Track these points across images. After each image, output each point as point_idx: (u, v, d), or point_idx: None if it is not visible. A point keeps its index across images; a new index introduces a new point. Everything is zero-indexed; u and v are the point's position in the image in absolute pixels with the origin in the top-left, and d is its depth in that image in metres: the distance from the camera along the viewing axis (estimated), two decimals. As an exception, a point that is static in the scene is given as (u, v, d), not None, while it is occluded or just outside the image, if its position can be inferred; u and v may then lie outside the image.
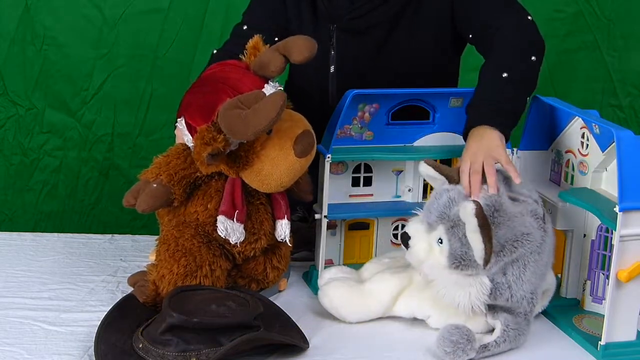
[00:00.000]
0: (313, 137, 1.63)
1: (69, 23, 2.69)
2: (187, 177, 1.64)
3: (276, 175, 1.61)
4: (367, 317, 1.67)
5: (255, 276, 1.75)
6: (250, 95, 1.55)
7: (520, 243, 1.54)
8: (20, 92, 2.73)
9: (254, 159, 1.60)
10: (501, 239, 1.52)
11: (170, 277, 1.63)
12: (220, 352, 1.45)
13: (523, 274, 1.55)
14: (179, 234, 1.65)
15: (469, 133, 1.69)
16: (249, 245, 1.69)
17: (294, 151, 1.59)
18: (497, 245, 1.52)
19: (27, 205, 2.80)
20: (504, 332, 1.55)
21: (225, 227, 1.62)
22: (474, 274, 1.54)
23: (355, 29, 1.91)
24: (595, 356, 1.57)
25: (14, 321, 1.65)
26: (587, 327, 1.66)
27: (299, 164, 1.61)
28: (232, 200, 1.63)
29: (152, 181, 1.63)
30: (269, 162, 1.60)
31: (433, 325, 1.63)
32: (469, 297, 1.54)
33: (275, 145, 1.60)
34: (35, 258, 1.95)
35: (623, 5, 2.77)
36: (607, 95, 2.83)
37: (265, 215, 1.70)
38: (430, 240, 1.58)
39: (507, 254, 1.53)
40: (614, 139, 1.54)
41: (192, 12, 2.72)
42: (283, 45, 1.61)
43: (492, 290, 1.54)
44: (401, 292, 1.66)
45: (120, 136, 2.77)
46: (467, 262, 1.53)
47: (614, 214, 1.51)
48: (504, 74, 1.71)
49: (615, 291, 1.53)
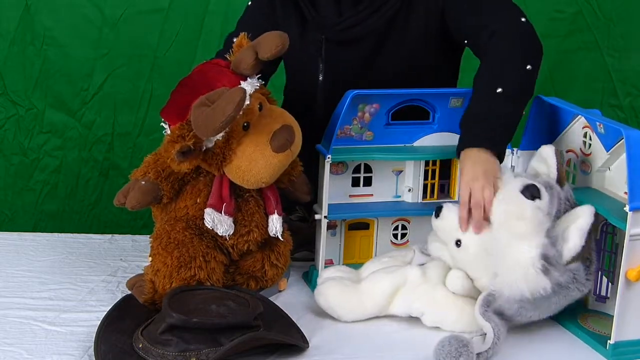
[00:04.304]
0: (292, 133, 1.63)
1: (69, 23, 2.69)
2: (174, 173, 1.66)
3: (254, 172, 1.61)
4: (363, 316, 1.67)
5: (254, 273, 1.75)
6: (216, 92, 1.56)
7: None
8: (20, 92, 2.73)
9: (231, 156, 1.61)
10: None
11: (165, 270, 1.63)
12: (220, 352, 1.45)
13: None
14: (170, 228, 1.67)
15: (463, 153, 1.67)
16: (241, 238, 1.69)
17: (270, 147, 1.60)
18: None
19: (27, 205, 2.80)
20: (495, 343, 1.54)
21: (213, 218, 1.63)
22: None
23: (344, 39, 1.89)
24: (605, 355, 1.57)
25: (14, 321, 1.65)
26: (593, 326, 1.66)
27: (277, 160, 1.61)
28: (220, 194, 1.64)
29: (141, 179, 1.66)
30: (245, 158, 1.61)
31: (427, 323, 1.63)
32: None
33: (252, 141, 1.61)
34: (35, 258, 1.95)
35: (623, 5, 2.77)
36: (607, 95, 2.82)
37: (256, 207, 1.70)
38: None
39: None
40: (619, 138, 1.54)
41: (192, 12, 2.71)
42: (256, 42, 1.63)
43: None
44: (396, 290, 1.66)
45: (120, 136, 2.77)
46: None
47: (622, 214, 1.51)
48: (498, 89, 1.67)
49: (624, 290, 1.53)
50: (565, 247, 1.53)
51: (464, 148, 1.67)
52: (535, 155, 1.69)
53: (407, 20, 1.87)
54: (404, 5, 1.86)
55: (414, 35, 1.88)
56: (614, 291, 1.67)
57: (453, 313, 1.62)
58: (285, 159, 1.63)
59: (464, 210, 1.61)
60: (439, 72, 1.95)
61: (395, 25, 1.87)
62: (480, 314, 1.56)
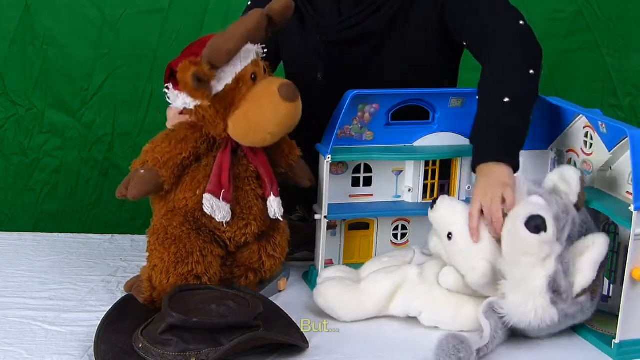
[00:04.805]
0: (297, 89, 1.63)
1: (69, 23, 2.69)
2: (173, 158, 1.65)
3: (262, 118, 1.61)
4: (363, 316, 1.67)
5: (251, 265, 1.75)
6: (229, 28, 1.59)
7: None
8: (20, 92, 2.73)
9: (240, 100, 1.62)
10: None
11: (162, 266, 1.64)
12: (220, 352, 1.45)
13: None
14: (167, 223, 1.66)
15: (478, 169, 1.66)
16: (239, 231, 1.69)
17: (279, 93, 1.60)
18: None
19: (27, 205, 2.80)
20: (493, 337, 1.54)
21: (211, 204, 1.63)
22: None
23: (344, 40, 1.89)
24: (609, 354, 1.57)
25: (14, 321, 1.65)
26: (596, 325, 1.66)
27: (285, 109, 1.61)
28: (219, 180, 1.64)
29: (140, 168, 1.65)
30: (254, 103, 1.61)
31: (425, 322, 1.64)
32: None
33: (261, 88, 1.62)
34: (35, 258, 1.95)
35: (623, 5, 2.76)
36: (607, 95, 2.82)
37: (255, 200, 1.70)
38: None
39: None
40: (622, 137, 1.54)
41: (192, 12, 2.71)
42: (266, 8, 1.64)
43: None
44: (396, 290, 1.66)
45: (120, 136, 2.77)
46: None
47: (626, 213, 1.51)
48: (505, 99, 1.67)
49: (629, 289, 1.53)
50: (577, 280, 1.54)
51: (478, 164, 1.66)
52: (556, 171, 1.67)
53: (408, 21, 1.87)
54: (405, 5, 1.86)
55: (414, 35, 1.87)
56: (615, 291, 1.67)
57: (450, 312, 1.62)
58: (292, 110, 1.63)
59: (474, 221, 1.60)
60: (439, 72, 1.95)
61: (395, 25, 1.87)
62: (482, 313, 1.56)
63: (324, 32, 1.90)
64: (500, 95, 1.67)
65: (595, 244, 1.55)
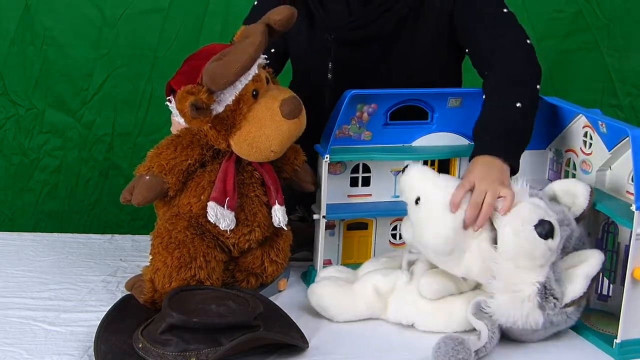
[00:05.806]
0: (301, 104, 1.62)
1: (69, 23, 2.69)
2: (178, 165, 1.65)
3: (264, 138, 1.61)
4: (355, 317, 1.66)
5: (253, 270, 1.75)
6: (229, 49, 1.57)
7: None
8: (20, 92, 2.73)
9: (241, 121, 1.61)
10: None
11: (165, 270, 1.63)
12: (220, 352, 1.45)
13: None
14: (172, 227, 1.66)
15: (476, 158, 1.65)
16: (243, 237, 1.69)
17: (280, 112, 1.59)
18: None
19: (27, 205, 2.80)
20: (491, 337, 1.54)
21: (215, 212, 1.62)
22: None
23: (354, 39, 1.88)
24: (611, 354, 1.57)
25: (14, 321, 1.65)
26: (596, 325, 1.66)
27: (287, 127, 1.61)
28: (224, 188, 1.63)
29: (145, 174, 1.64)
30: (256, 123, 1.60)
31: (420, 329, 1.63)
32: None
33: (262, 106, 1.61)
34: (35, 258, 1.95)
35: (623, 5, 2.77)
36: (607, 95, 2.82)
37: (260, 207, 1.70)
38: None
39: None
40: (622, 137, 1.54)
41: (192, 12, 2.72)
42: (264, 16, 1.62)
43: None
44: (387, 294, 1.66)
45: (120, 136, 2.77)
46: None
47: (627, 213, 1.51)
48: (518, 104, 1.68)
49: (631, 289, 1.53)
50: (568, 291, 1.54)
51: (479, 154, 1.65)
52: (561, 182, 1.67)
53: (418, 21, 1.87)
54: (415, 5, 1.86)
55: (424, 35, 1.87)
56: (615, 291, 1.67)
57: (442, 319, 1.61)
58: (295, 127, 1.62)
59: (460, 193, 1.57)
60: (447, 72, 1.95)
61: (405, 25, 1.87)
62: (471, 314, 1.56)
63: (333, 32, 1.89)
64: (513, 100, 1.69)
65: (591, 258, 1.57)
